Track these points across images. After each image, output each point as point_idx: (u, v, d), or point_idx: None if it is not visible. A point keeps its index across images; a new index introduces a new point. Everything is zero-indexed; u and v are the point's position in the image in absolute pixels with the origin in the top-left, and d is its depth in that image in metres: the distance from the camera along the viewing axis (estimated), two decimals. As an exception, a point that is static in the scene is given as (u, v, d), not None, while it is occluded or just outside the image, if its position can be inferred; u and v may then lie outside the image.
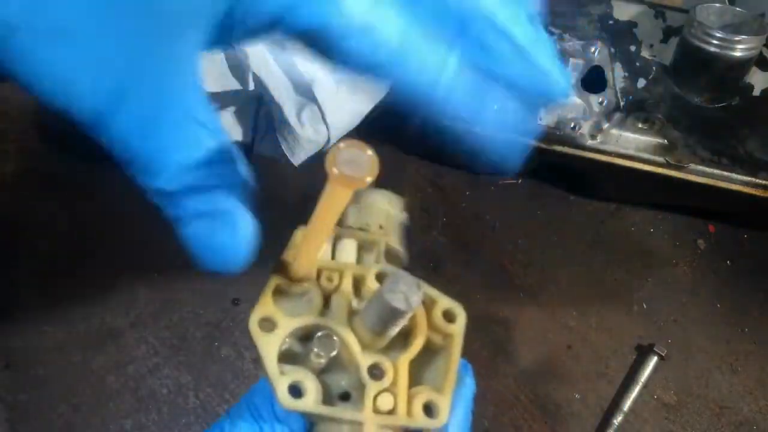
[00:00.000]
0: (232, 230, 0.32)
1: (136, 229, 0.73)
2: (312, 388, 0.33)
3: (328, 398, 0.35)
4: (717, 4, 0.73)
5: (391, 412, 0.34)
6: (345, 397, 0.36)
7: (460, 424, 0.37)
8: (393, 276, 0.33)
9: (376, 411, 0.34)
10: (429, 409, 0.35)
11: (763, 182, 0.71)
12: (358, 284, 0.39)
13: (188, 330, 0.67)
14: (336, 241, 0.41)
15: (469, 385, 0.39)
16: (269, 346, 0.34)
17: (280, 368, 0.34)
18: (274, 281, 0.37)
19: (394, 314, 0.33)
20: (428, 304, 0.37)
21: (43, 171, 0.76)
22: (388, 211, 0.46)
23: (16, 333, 0.66)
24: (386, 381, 0.35)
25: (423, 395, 0.35)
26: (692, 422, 0.66)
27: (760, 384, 0.68)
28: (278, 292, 0.37)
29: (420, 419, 0.34)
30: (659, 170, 0.72)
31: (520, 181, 0.80)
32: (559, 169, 0.76)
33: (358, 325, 0.35)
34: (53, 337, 0.65)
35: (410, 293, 0.32)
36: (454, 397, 0.36)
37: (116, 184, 0.79)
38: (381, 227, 0.43)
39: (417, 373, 0.37)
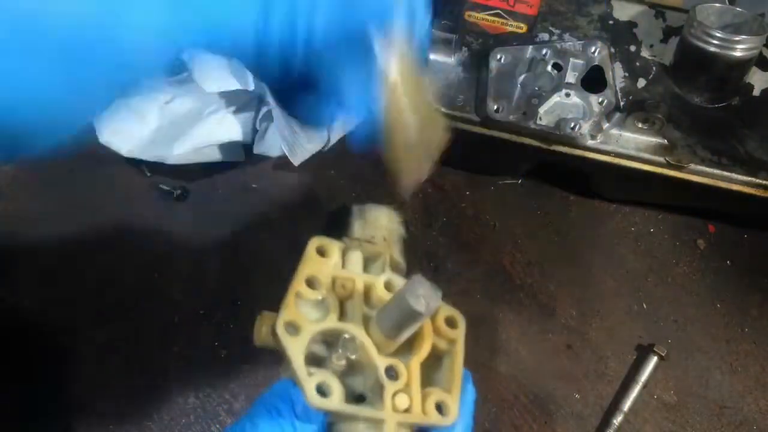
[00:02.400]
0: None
1: (136, 229, 0.73)
2: (337, 388, 0.36)
3: (348, 399, 0.37)
4: (717, 4, 0.73)
5: (408, 410, 0.37)
6: (360, 398, 0.38)
7: (465, 428, 0.39)
8: (413, 281, 0.35)
9: (395, 409, 0.36)
10: (440, 408, 0.38)
11: (763, 182, 0.71)
12: (368, 292, 0.41)
13: (188, 330, 0.67)
14: (345, 252, 0.43)
15: (471, 391, 0.41)
16: (296, 349, 0.36)
17: (307, 370, 0.36)
18: (295, 287, 0.39)
19: (413, 317, 0.35)
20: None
21: (43, 171, 0.76)
22: (390, 225, 0.49)
23: (15, 333, 0.66)
24: (401, 382, 0.37)
25: (434, 395, 0.38)
26: (692, 422, 0.66)
27: (760, 384, 0.68)
28: (297, 298, 0.39)
29: (433, 417, 0.37)
30: (659, 170, 0.72)
31: (520, 181, 0.80)
32: (559, 169, 0.76)
33: (373, 330, 0.38)
34: (52, 338, 0.66)
35: (430, 297, 0.34)
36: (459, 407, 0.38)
37: (117, 185, 0.79)
38: (385, 239, 0.46)
39: (425, 376, 0.39)
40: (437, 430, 0.38)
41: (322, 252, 0.42)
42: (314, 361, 0.38)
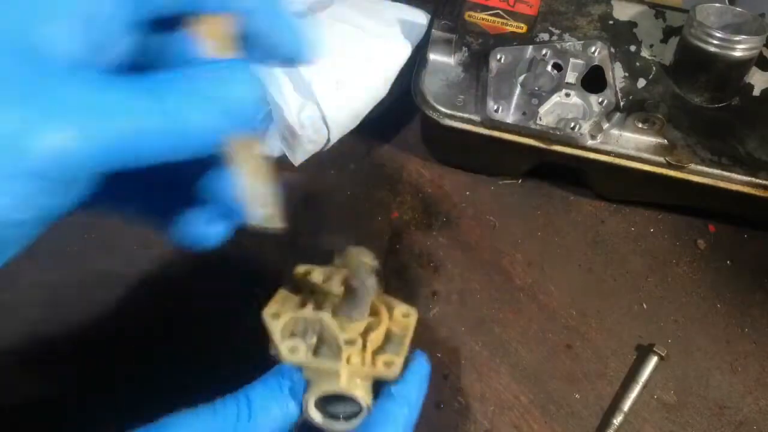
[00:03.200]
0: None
1: (136, 229, 0.73)
2: (303, 348, 0.47)
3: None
4: (717, 4, 0.73)
5: (359, 365, 0.47)
6: None
7: (412, 383, 0.47)
8: (355, 269, 0.48)
9: (349, 363, 0.46)
10: (387, 365, 0.47)
11: (763, 182, 0.71)
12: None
13: (189, 330, 0.67)
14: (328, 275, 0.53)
15: (422, 363, 0.49)
16: (276, 326, 0.47)
17: (282, 339, 0.47)
18: (281, 294, 0.51)
19: (357, 295, 0.47)
20: (390, 308, 0.51)
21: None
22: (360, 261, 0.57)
23: (15, 333, 0.66)
24: (357, 347, 0.47)
25: (384, 356, 0.48)
26: (692, 422, 0.66)
27: (760, 384, 0.68)
28: (282, 297, 0.51)
29: (380, 369, 0.47)
30: (659, 170, 0.72)
31: (520, 181, 0.80)
32: (559, 169, 0.76)
33: (339, 317, 0.48)
34: (51, 338, 0.66)
35: (367, 279, 0.47)
36: (409, 370, 0.47)
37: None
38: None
39: (380, 349, 0.49)
40: (389, 385, 0.47)
41: (306, 273, 0.53)
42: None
